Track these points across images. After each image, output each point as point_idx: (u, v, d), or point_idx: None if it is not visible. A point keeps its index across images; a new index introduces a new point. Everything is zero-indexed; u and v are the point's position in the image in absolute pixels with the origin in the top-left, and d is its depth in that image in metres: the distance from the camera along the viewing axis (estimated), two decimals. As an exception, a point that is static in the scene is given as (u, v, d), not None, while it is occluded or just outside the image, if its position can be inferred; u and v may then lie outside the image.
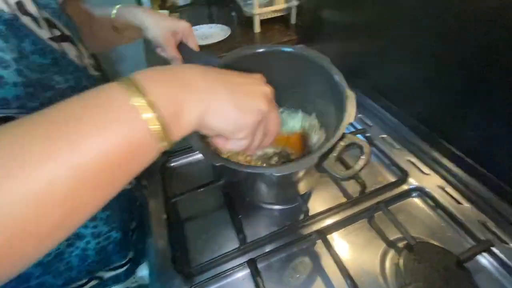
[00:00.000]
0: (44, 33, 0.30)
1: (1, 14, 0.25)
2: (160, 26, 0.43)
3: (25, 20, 0.28)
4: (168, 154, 0.54)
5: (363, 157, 0.32)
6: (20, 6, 0.27)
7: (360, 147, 0.32)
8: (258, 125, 0.26)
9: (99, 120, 0.17)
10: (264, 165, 0.45)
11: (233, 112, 0.24)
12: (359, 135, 0.55)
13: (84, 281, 0.41)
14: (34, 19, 0.29)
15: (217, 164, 0.31)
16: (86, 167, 0.17)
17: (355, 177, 0.46)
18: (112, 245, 0.42)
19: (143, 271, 0.45)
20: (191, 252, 0.41)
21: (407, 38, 0.50)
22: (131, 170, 0.20)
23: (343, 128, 0.33)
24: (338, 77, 0.39)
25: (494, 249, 0.36)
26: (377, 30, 0.57)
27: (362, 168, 0.31)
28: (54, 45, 0.31)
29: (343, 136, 0.32)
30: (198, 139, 0.34)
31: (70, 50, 0.33)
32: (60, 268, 0.37)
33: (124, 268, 0.45)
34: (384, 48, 0.57)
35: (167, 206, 0.45)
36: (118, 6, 0.45)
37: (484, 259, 0.37)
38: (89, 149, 0.17)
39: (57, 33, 0.32)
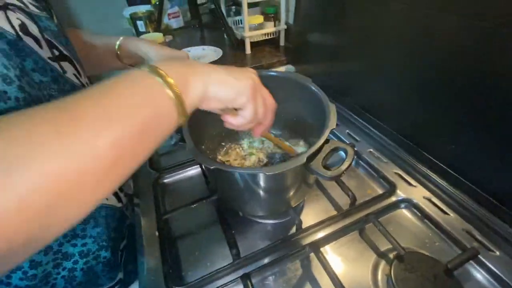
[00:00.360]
0: (44, 53, 0.31)
1: (6, 34, 0.27)
2: (161, 55, 0.47)
3: (28, 40, 0.29)
4: (160, 171, 0.55)
5: (347, 159, 0.34)
6: (23, 27, 0.29)
7: (344, 150, 0.35)
8: (254, 91, 0.30)
9: (134, 97, 0.22)
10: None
11: (230, 79, 0.29)
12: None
13: None
14: (36, 40, 0.31)
15: (211, 167, 0.32)
16: (128, 134, 0.21)
17: (345, 190, 0.48)
18: (100, 266, 0.41)
19: (133, 290, 0.44)
20: (184, 269, 0.40)
21: (389, 56, 0.54)
22: (160, 133, 0.24)
23: (328, 132, 0.35)
24: (320, 93, 0.42)
25: (481, 257, 0.38)
26: (359, 51, 0.61)
27: (347, 169, 0.33)
28: (54, 64, 0.32)
29: (328, 141, 0.35)
30: (194, 146, 0.35)
31: (68, 69, 0.35)
32: None
33: None
34: (366, 67, 0.61)
35: (159, 223, 0.45)
36: (121, 38, 0.50)
37: (472, 268, 0.38)
38: (128, 121, 0.21)
39: (57, 53, 0.34)
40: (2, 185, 0.15)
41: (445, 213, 0.44)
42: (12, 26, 0.28)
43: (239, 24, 1.06)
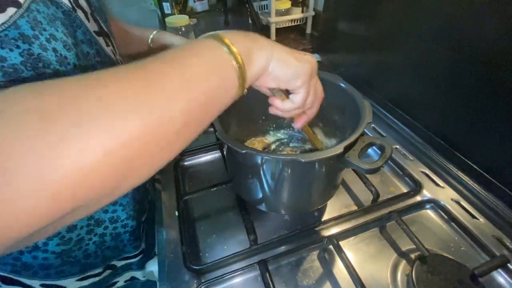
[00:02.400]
0: (91, 26, 0.33)
1: (62, 5, 0.28)
2: None
3: (79, 13, 0.31)
4: (182, 153, 0.55)
5: (385, 154, 0.33)
6: (75, 1, 0.31)
7: (381, 146, 0.34)
8: (311, 76, 0.30)
9: (203, 65, 0.23)
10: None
11: (291, 60, 0.29)
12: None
13: (99, 270, 0.42)
14: (85, 13, 0.32)
15: (243, 151, 0.31)
16: (197, 101, 0.21)
17: (368, 185, 0.46)
18: (127, 234, 0.43)
19: (152, 266, 0.45)
20: (201, 250, 0.41)
21: (421, 49, 0.51)
22: (222, 103, 0.25)
23: (364, 125, 0.34)
24: (351, 90, 0.41)
25: (510, 266, 0.36)
26: (391, 42, 0.58)
27: (384, 164, 0.32)
28: (98, 38, 0.34)
29: (362, 134, 0.34)
30: (223, 131, 0.35)
31: (108, 44, 0.37)
32: (78, 256, 0.38)
33: (137, 258, 0.46)
34: (398, 59, 0.57)
35: (179, 203, 0.46)
36: (155, 32, 0.52)
37: (499, 276, 0.36)
38: (198, 86, 0.22)
39: (99, 28, 0.35)
40: (92, 139, 0.16)
41: (474, 217, 0.42)
42: None
43: (265, 9, 1.03)
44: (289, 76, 0.29)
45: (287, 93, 0.32)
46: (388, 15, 0.57)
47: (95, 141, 0.16)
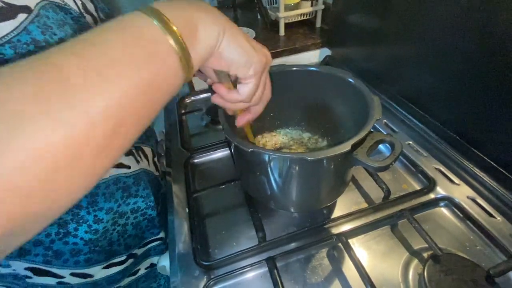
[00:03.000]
0: None
1: (71, 11, 0.29)
2: None
3: (87, 18, 0.32)
4: (191, 151, 0.56)
5: (395, 151, 0.32)
6: (84, 6, 0.32)
7: (391, 143, 0.33)
8: (264, 69, 0.28)
9: (130, 51, 0.19)
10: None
11: (246, 44, 0.25)
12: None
13: (123, 258, 0.44)
14: (94, 18, 0.33)
15: (248, 150, 0.31)
16: (125, 96, 0.18)
17: (379, 183, 0.46)
18: (146, 222, 0.45)
19: (164, 261, 0.47)
20: (211, 247, 0.42)
21: (435, 42, 0.49)
22: (163, 93, 0.21)
23: (373, 121, 0.33)
24: (361, 86, 0.40)
25: (529, 267, 0.34)
26: (404, 34, 0.56)
27: (394, 162, 0.31)
28: None
29: (371, 131, 0.33)
30: (231, 129, 0.35)
31: None
32: (104, 245, 0.40)
33: (155, 243, 0.49)
34: (411, 53, 0.55)
35: (189, 200, 0.47)
36: None
37: (517, 277, 0.35)
38: (125, 81, 0.18)
39: None
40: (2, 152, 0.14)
41: (491, 216, 0.40)
42: (76, 4, 0.31)
43: (274, 3, 1.02)
44: (242, 60, 0.25)
45: (234, 82, 0.29)
46: (400, 7, 0.55)
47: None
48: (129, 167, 0.41)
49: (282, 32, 0.93)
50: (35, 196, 0.15)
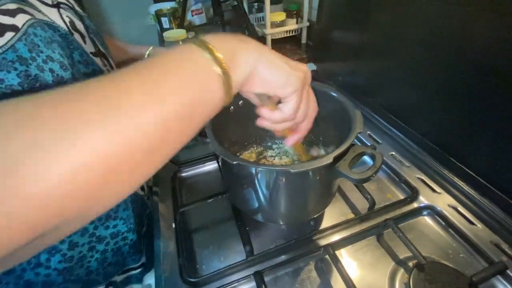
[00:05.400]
0: (88, 48, 0.35)
1: (59, 29, 0.30)
2: None
3: (76, 36, 0.33)
4: (179, 164, 0.56)
5: (375, 164, 0.32)
6: (72, 24, 0.33)
7: (372, 155, 0.33)
8: (304, 85, 0.28)
9: (181, 74, 0.21)
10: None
11: (283, 66, 0.27)
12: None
13: (101, 287, 0.42)
14: (82, 36, 0.34)
15: (233, 162, 0.31)
16: (174, 112, 0.20)
17: (364, 193, 0.46)
18: (127, 247, 0.43)
19: (150, 279, 0.45)
20: (198, 262, 0.41)
21: (415, 56, 0.52)
22: (206, 112, 0.23)
23: (354, 134, 0.34)
24: (344, 99, 0.41)
25: (509, 272, 0.35)
26: (385, 50, 0.59)
27: (375, 174, 0.32)
28: (95, 58, 0.36)
29: (353, 145, 0.34)
30: (217, 142, 0.35)
31: (105, 64, 0.38)
32: (80, 274, 0.38)
33: (137, 271, 0.46)
34: (392, 67, 0.58)
35: (176, 215, 0.46)
36: (151, 48, 0.53)
37: (499, 283, 0.36)
38: (174, 97, 0.20)
39: (96, 49, 0.37)
40: (53, 159, 0.15)
41: (472, 223, 0.42)
42: (64, 22, 0.32)
43: (260, 21, 1.06)
44: (279, 80, 0.27)
45: (277, 103, 0.31)
46: (380, 23, 0.59)
47: (53, 164, 0.15)
48: None
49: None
50: (86, 194, 0.17)
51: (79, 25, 0.35)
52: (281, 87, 0.27)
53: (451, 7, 0.43)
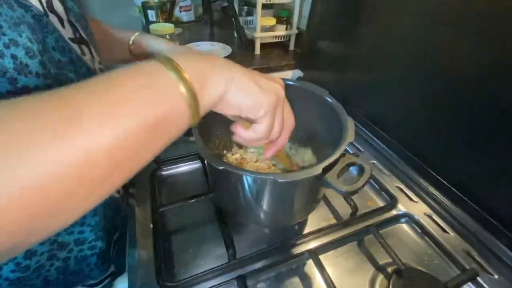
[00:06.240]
0: (66, 33, 0.31)
1: (32, 9, 0.26)
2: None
3: (52, 18, 0.29)
4: (159, 162, 0.53)
5: (364, 175, 0.33)
6: (49, 4, 0.29)
7: (361, 166, 0.34)
8: (276, 107, 0.27)
9: (142, 93, 0.19)
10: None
11: (253, 87, 0.26)
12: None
13: None
14: (60, 19, 0.30)
15: (220, 168, 0.30)
16: (132, 133, 0.19)
17: (347, 199, 0.47)
18: (95, 257, 0.39)
19: (122, 284, 0.42)
20: (177, 265, 0.39)
21: (398, 68, 0.54)
22: (168, 135, 0.22)
23: (345, 144, 0.34)
24: (337, 106, 0.41)
25: (479, 280, 0.37)
26: (369, 62, 0.61)
27: (363, 186, 0.32)
28: (73, 45, 0.32)
29: (343, 155, 0.33)
30: (203, 144, 0.34)
31: (85, 52, 0.35)
32: (37, 284, 0.34)
33: (103, 283, 0.42)
34: (377, 78, 0.61)
35: (154, 215, 0.44)
36: (137, 33, 0.50)
37: (469, 289, 0.38)
38: (134, 119, 0.19)
39: (77, 35, 0.33)
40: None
41: (445, 231, 0.44)
42: (40, 1, 0.28)
43: (250, 24, 1.06)
44: (250, 105, 0.26)
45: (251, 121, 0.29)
46: (367, 36, 0.61)
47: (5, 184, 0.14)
48: None
49: (257, 51, 0.96)
50: (37, 212, 0.16)
51: (58, 6, 0.31)
52: (251, 111, 0.26)
53: (434, 26, 0.46)
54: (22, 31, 0.25)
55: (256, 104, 0.26)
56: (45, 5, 0.29)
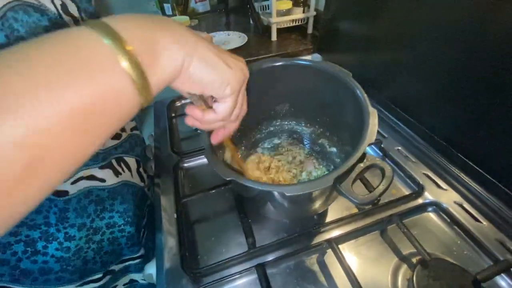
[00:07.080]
0: None
1: (48, 13, 0.28)
2: None
3: (67, 20, 0.30)
4: (181, 155, 0.55)
5: (384, 181, 0.29)
6: (64, 7, 0.30)
7: (382, 170, 0.30)
8: (241, 86, 0.25)
9: (70, 68, 0.16)
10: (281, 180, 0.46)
11: (219, 62, 0.23)
12: (374, 146, 0.54)
13: (99, 275, 0.42)
14: (75, 20, 0.31)
15: (227, 179, 0.30)
16: (57, 121, 0.15)
17: (369, 187, 0.46)
18: (124, 239, 0.43)
19: (151, 269, 0.45)
20: (200, 253, 0.41)
21: (425, 50, 0.50)
22: (113, 118, 0.18)
23: (363, 148, 0.30)
24: (360, 93, 0.38)
25: (514, 271, 0.35)
26: (395, 42, 0.57)
27: (382, 193, 0.29)
28: None
29: (363, 157, 0.30)
30: (212, 152, 0.34)
31: None
32: (78, 264, 0.38)
33: (135, 261, 0.46)
34: (401, 60, 0.57)
35: (178, 206, 0.46)
36: None
37: (502, 281, 0.35)
38: (60, 103, 0.15)
39: None
40: None
41: (477, 220, 0.41)
42: (54, 5, 0.29)
43: (266, 9, 1.03)
44: (216, 82, 0.23)
45: (211, 100, 0.27)
46: (392, 14, 0.57)
47: None
48: (103, 180, 0.38)
49: (274, 37, 0.94)
50: None
51: (73, 8, 0.32)
52: (217, 88, 0.24)
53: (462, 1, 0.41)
54: (39, 34, 0.26)
55: (223, 81, 0.23)
56: (59, 8, 0.30)
